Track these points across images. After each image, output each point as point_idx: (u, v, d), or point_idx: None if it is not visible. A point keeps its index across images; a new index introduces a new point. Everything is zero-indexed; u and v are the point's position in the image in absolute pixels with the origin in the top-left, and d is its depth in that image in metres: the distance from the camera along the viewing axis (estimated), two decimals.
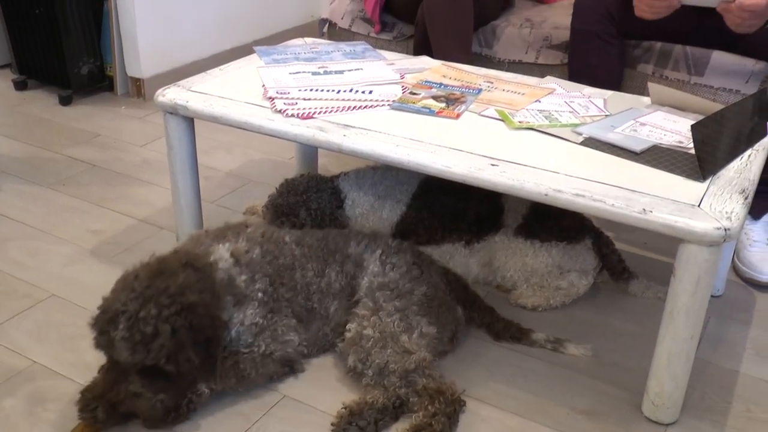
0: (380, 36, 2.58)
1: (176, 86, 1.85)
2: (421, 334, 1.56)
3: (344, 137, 1.59)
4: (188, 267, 1.44)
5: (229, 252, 1.55)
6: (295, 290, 1.60)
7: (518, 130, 1.63)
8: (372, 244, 1.70)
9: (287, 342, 1.56)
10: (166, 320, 1.34)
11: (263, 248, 1.60)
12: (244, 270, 1.54)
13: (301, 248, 1.65)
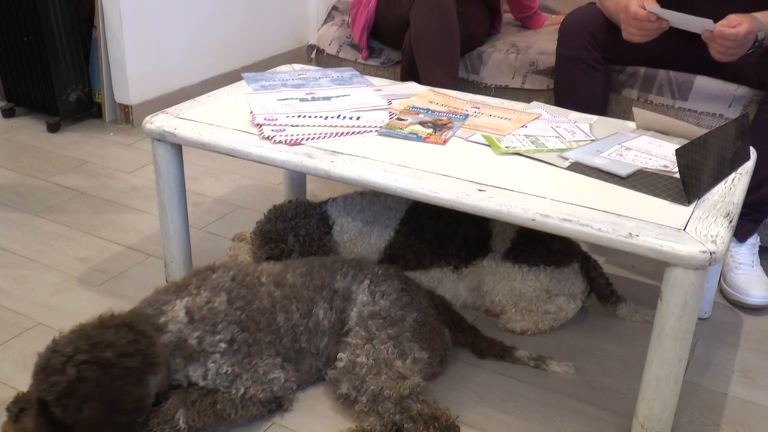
0: (368, 62, 2.60)
1: (164, 113, 1.85)
2: (414, 360, 1.57)
3: (332, 163, 1.59)
4: (125, 328, 1.41)
5: (185, 309, 1.53)
6: (278, 333, 1.58)
7: (505, 155, 1.64)
8: (359, 275, 1.69)
9: (272, 381, 1.54)
10: (75, 364, 1.32)
11: (231, 294, 1.58)
12: (198, 326, 1.52)
13: (281, 289, 1.63)
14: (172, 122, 1.80)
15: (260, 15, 3.67)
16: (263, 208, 2.10)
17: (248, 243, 2.09)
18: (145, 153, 2.83)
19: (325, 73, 2.14)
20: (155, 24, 3.10)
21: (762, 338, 1.90)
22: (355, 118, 1.80)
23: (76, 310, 1.89)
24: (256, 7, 3.62)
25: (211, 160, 2.71)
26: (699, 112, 2.14)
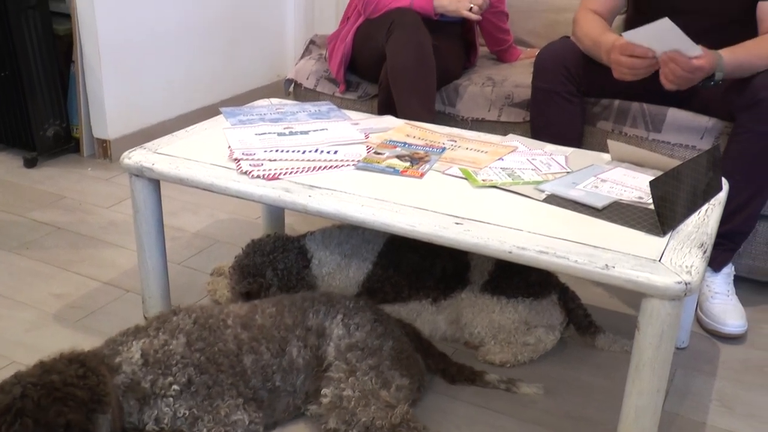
0: (345, 96, 2.62)
1: (142, 149, 1.85)
2: (397, 387, 1.59)
3: (309, 198, 1.60)
4: (77, 363, 1.41)
5: (140, 351, 1.52)
6: (244, 375, 1.56)
7: (482, 188, 1.65)
8: (331, 310, 1.69)
9: (235, 423, 1.52)
10: (22, 384, 1.33)
11: (191, 337, 1.57)
12: (152, 369, 1.51)
13: (249, 331, 1.62)
14: (150, 157, 1.80)
15: (239, 49, 3.69)
16: (242, 242, 2.09)
17: (227, 277, 2.08)
18: (123, 188, 2.82)
19: (302, 108, 2.15)
20: (133, 58, 3.11)
21: (739, 367, 1.92)
22: (333, 152, 1.80)
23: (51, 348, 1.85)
24: (235, 42, 3.65)
25: (189, 194, 2.71)
26: (672, 143, 2.17)
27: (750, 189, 1.98)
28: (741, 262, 2.19)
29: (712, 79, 1.94)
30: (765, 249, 2.16)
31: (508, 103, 2.39)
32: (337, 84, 2.61)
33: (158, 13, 3.17)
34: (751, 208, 2.02)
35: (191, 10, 3.34)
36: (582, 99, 2.20)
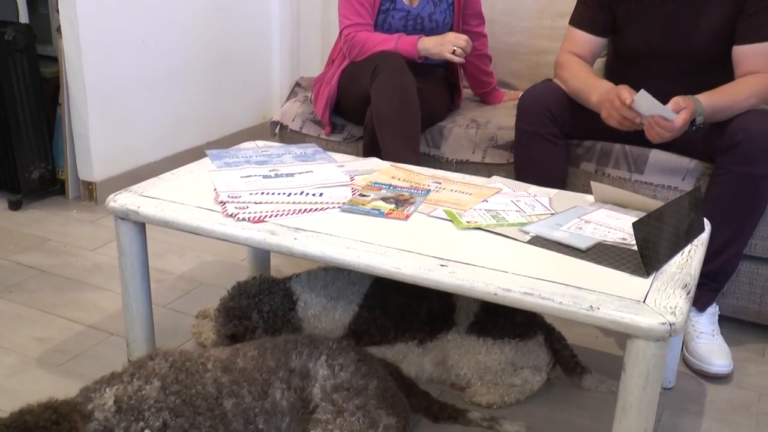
0: (330, 137, 2.63)
1: (128, 191, 1.86)
2: (385, 427, 1.58)
3: (295, 240, 1.60)
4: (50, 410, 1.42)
5: (113, 398, 1.51)
6: (224, 418, 1.55)
7: (466, 230, 1.66)
8: (314, 352, 1.69)
9: None
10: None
11: (166, 380, 1.55)
12: (125, 416, 1.49)
13: (230, 374, 1.61)
14: (135, 200, 1.80)
15: (225, 91, 3.71)
16: (227, 284, 2.09)
17: (212, 320, 2.07)
18: (108, 230, 2.82)
19: (288, 150, 2.16)
20: (120, 101, 3.12)
21: (726, 407, 1.92)
22: (318, 195, 1.81)
23: (32, 393, 1.85)
24: (221, 84, 3.67)
25: (174, 236, 2.70)
26: (655, 184, 2.20)
27: (731, 229, 2.00)
28: (725, 302, 2.20)
29: (693, 124, 1.97)
30: (748, 288, 2.17)
31: (492, 145, 2.42)
32: (323, 126, 2.63)
33: (145, 56, 3.20)
34: (734, 248, 2.04)
35: (178, 52, 3.37)
36: (565, 141, 2.22)
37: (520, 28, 2.94)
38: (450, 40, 2.39)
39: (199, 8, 3.45)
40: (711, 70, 2.14)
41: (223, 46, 3.64)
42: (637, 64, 2.24)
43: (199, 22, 3.47)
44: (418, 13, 2.53)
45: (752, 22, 2.05)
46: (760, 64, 2.05)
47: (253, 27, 3.84)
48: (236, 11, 3.70)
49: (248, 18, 3.80)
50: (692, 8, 2.13)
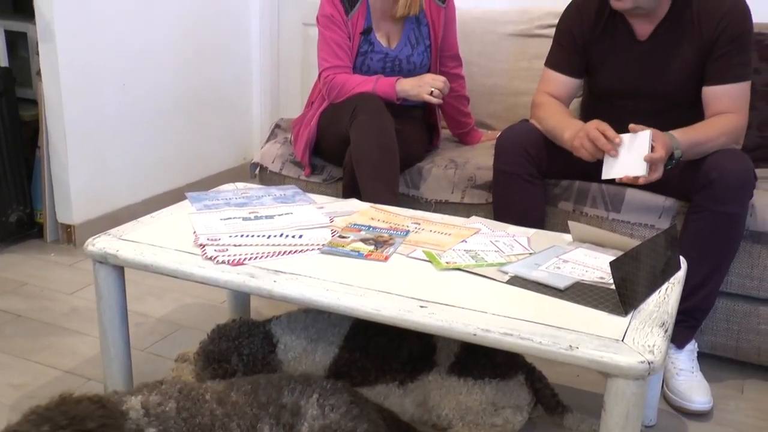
0: (310, 179, 2.64)
1: (107, 235, 1.85)
2: None
3: (274, 283, 1.60)
4: (97, 403, 1.39)
5: (140, 403, 1.50)
6: None
7: (446, 270, 1.67)
8: (307, 390, 1.67)
9: None
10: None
11: (179, 404, 1.55)
12: (153, 422, 1.48)
13: (223, 407, 1.60)
14: (114, 244, 1.79)
15: (205, 133, 3.72)
16: (207, 327, 2.08)
17: (191, 364, 2.05)
18: (86, 273, 2.80)
19: (268, 191, 2.17)
20: (100, 143, 3.12)
21: None
22: (298, 237, 1.82)
23: None
24: (201, 125, 3.69)
25: (154, 278, 2.69)
26: (632, 222, 2.22)
27: (707, 267, 2.03)
28: (703, 339, 2.22)
29: (672, 158, 2.00)
30: (726, 325, 2.19)
31: (470, 185, 2.44)
32: (303, 167, 2.64)
33: (125, 98, 3.21)
34: (710, 286, 2.06)
35: (158, 93, 3.39)
36: (543, 180, 2.25)
37: (498, 69, 2.99)
38: (428, 82, 2.42)
39: (179, 50, 3.47)
40: (683, 109, 2.18)
41: (203, 87, 3.66)
42: (612, 103, 2.28)
43: (180, 64, 3.49)
44: (396, 55, 2.56)
45: (720, 64, 2.11)
46: (729, 104, 2.10)
47: (233, 69, 3.87)
48: (216, 53, 3.73)
49: (228, 60, 3.83)
50: (663, 50, 2.17)
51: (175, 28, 3.44)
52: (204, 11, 3.61)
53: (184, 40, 3.51)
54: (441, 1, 2.59)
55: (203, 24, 3.61)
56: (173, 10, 3.41)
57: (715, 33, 2.10)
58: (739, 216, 2.01)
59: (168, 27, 3.40)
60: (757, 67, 2.53)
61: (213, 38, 3.69)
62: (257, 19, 3.97)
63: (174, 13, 3.42)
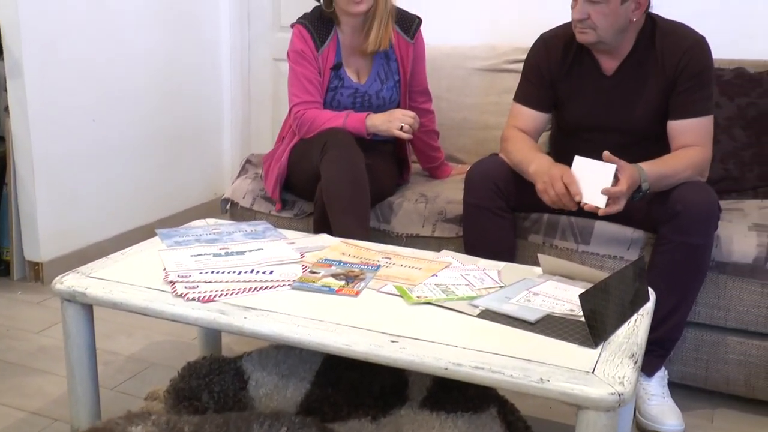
0: (281, 214, 2.64)
1: (75, 273, 1.83)
2: None
3: (245, 320, 1.60)
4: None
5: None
6: None
7: (417, 305, 1.67)
8: (275, 423, 1.67)
9: None
10: None
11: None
12: None
13: None
14: (83, 282, 1.78)
15: (176, 168, 3.72)
16: (178, 364, 2.06)
17: (161, 402, 2.03)
18: (55, 311, 2.76)
19: (238, 227, 2.16)
20: (69, 179, 3.10)
21: None
22: (269, 273, 1.81)
23: None
24: (172, 161, 3.68)
25: (123, 315, 2.65)
26: (601, 254, 2.24)
27: (675, 297, 2.05)
28: (673, 368, 2.24)
29: (640, 190, 2.03)
30: (695, 355, 2.21)
31: (441, 219, 2.45)
32: (273, 203, 2.64)
33: (95, 133, 3.20)
34: (678, 316, 2.08)
35: (128, 129, 3.38)
36: (512, 214, 2.27)
37: (467, 104, 3.02)
38: (397, 117, 2.44)
39: (150, 85, 3.48)
40: (649, 142, 2.22)
41: (174, 123, 3.66)
42: (579, 137, 2.31)
43: (150, 100, 3.49)
44: (366, 90, 2.58)
45: (683, 99, 2.15)
46: (693, 138, 2.14)
47: (204, 104, 3.88)
48: (187, 88, 3.73)
49: (199, 95, 3.84)
50: (629, 85, 2.22)
51: (145, 64, 3.44)
52: (175, 46, 3.62)
53: (155, 75, 3.51)
54: (410, 37, 2.62)
55: (174, 59, 3.62)
56: (144, 46, 3.42)
57: (678, 69, 2.15)
58: (704, 247, 2.04)
59: (139, 62, 3.40)
60: (718, 101, 2.60)
61: (184, 73, 3.70)
62: (228, 54, 3.98)
63: (144, 48, 3.42)
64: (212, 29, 3.89)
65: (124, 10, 3.29)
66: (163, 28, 3.53)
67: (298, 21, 2.58)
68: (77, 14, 3.06)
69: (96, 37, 3.16)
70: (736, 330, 2.18)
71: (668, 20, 2.24)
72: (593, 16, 2.11)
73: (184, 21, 3.66)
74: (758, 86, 2.64)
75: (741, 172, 2.62)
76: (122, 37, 3.29)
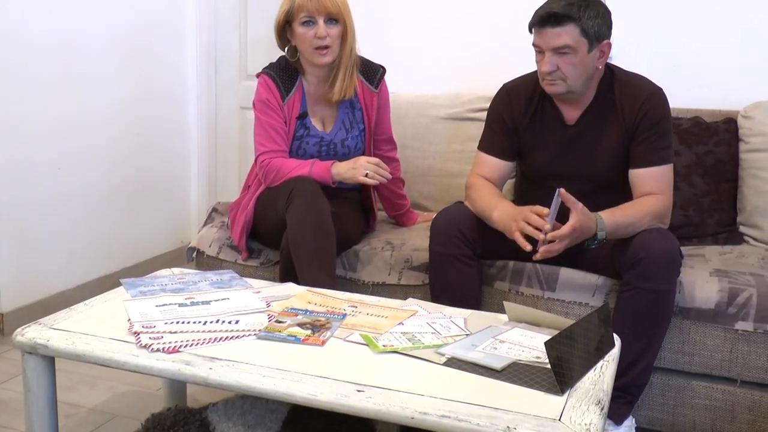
0: (248, 263, 2.63)
1: (37, 324, 1.81)
2: None
3: (210, 370, 1.58)
4: None
5: None
6: None
7: (383, 353, 1.67)
8: None
9: None
10: None
11: None
12: None
13: None
14: (44, 333, 1.75)
15: (142, 216, 3.69)
16: (142, 416, 2.02)
17: None
18: (15, 363, 2.70)
19: (204, 276, 2.15)
20: (32, 227, 3.06)
21: None
22: (234, 322, 1.80)
23: None
24: (138, 208, 3.66)
25: (87, 366, 2.61)
26: (567, 301, 2.26)
27: (641, 343, 2.07)
28: (640, 414, 2.24)
29: (595, 239, 2.06)
30: (661, 400, 2.22)
31: (407, 267, 2.46)
32: (240, 251, 2.63)
33: (59, 180, 3.17)
34: (644, 361, 2.10)
35: (93, 177, 3.36)
36: (478, 261, 2.28)
37: (432, 152, 3.05)
38: (362, 164, 2.45)
39: (116, 133, 3.47)
40: (611, 190, 2.26)
41: (140, 171, 3.65)
42: (543, 185, 2.34)
43: (117, 147, 3.48)
44: (332, 139, 2.60)
45: (643, 148, 2.20)
46: (654, 186, 2.19)
47: (171, 152, 3.88)
48: (154, 136, 3.73)
49: (166, 143, 3.83)
50: (591, 134, 2.26)
51: (112, 113, 3.44)
52: (142, 96, 3.62)
53: (122, 123, 3.50)
54: (374, 86, 2.65)
55: (141, 108, 3.62)
56: (111, 95, 3.42)
57: (637, 119, 2.20)
58: (668, 293, 2.07)
59: (106, 111, 3.40)
60: (677, 149, 2.65)
61: (151, 122, 3.70)
62: (195, 102, 4.00)
63: (111, 97, 3.42)
64: (179, 78, 3.90)
65: (92, 61, 3.29)
66: (130, 78, 3.53)
67: (264, 71, 2.60)
68: (44, 64, 3.05)
69: (63, 87, 3.15)
70: (701, 375, 2.20)
71: (626, 71, 2.30)
72: (562, 67, 2.16)
73: (151, 71, 3.67)
74: (715, 135, 2.71)
75: (701, 218, 2.67)
76: (89, 87, 3.29)
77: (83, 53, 3.25)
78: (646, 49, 3.02)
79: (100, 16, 3.32)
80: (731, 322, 2.12)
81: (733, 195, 2.72)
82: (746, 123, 2.71)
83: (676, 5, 3.01)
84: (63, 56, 3.14)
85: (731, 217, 2.71)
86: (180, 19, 3.87)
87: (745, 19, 2.93)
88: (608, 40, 2.18)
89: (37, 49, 3.02)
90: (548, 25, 2.13)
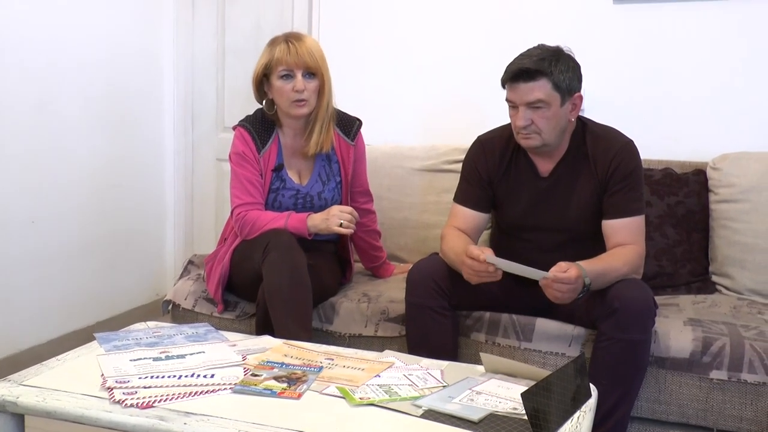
0: (223, 315, 2.62)
1: (6, 381, 1.78)
2: None
3: (185, 425, 1.56)
4: None
5: None
6: None
7: (359, 406, 1.65)
8: None
9: None
10: None
11: None
12: None
13: None
14: (14, 390, 1.72)
15: (117, 269, 3.67)
16: None
17: None
18: None
19: (179, 330, 2.14)
20: (3, 280, 3.03)
21: None
22: (210, 376, 1.78)
23: None
24: (113, 261, 3.63)
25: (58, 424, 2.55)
26: (543, 351, 2.27)
27: (617, 392, 2.07)
28: None
29: (584, 285, 2.07)
30: None
31: (384, 319, 2.45)
32: (215, 304, 2.62)
33: (32, 233, 3.15)
34: (621, 411, 2.10)
35: (68, 229, 3.34)
36: (454, 312, 2.29)
37: (408, 203, 3.07)
38: (335, 214, 2.46)
39: (91, 185, 3.46)
40: (585, 241, 2.28)
41: (115, 223, 3.63)
42: (518, 236, 2.36)
43: (93, 200, 3.47)
44: (308, 191, 2.61)
45: (616, 199, 2.24)
46: (627, 236, 2.22)
47: (147, 205, 3.87)
48: (130, 189, 3.73)
49: (142, 196, 3.83)
50: (564, 186, 2.30)
51: (88, 165, 3.44)
52: (118, 148, 3.62)
53: (98, 176, 3.50)
54: (350, 138, 2.67)
55: (117, 160, 3.62)
56: (87, 147, 3.42)
57: (609, 171, 2.24)
58: (643, 343, 2.08)
59: (81, 164, 3.39)
60: (649, 200, 2.70)
61: (127, 175, 3.70)
62: (172, 155, 4.01)
63: (87, 150, 3.42)
64: (156, 131, 3.92)
65: (68, 113, 3.30)
66: (107, 130, 3.54)
67: (240, 123, 2.62)
68: (19, 115, 3.06)
69: (38, 139, 3.15)
70: (678, 424, 2.20)
71: (597, 123, 2.34)
72: (537, 121, 2.19)
73: (127, 123, 3.69)
74: (685, 186, 2.76)
75: (674, 268, 2.70)
76: (65, 139, 3.29)
77: (59, 105, 3.25)
78: (617, 101, 3.09)
79: (77, 65, 3.34)
80: (706, 371, 2.13)
81: (705, 245, 2.76)
82: (715, 174, 2.76)
83: (645, 59, 3.09)
84: (40, 108, 3.15)
85: (703, 266, 2.75)
86: (158, 70, 3.90)
87: (713, 74, 3.01)
88: (579, 93, 2.23)
89: (13, 96, 3.02)
90: (521, 81, 2.17)
